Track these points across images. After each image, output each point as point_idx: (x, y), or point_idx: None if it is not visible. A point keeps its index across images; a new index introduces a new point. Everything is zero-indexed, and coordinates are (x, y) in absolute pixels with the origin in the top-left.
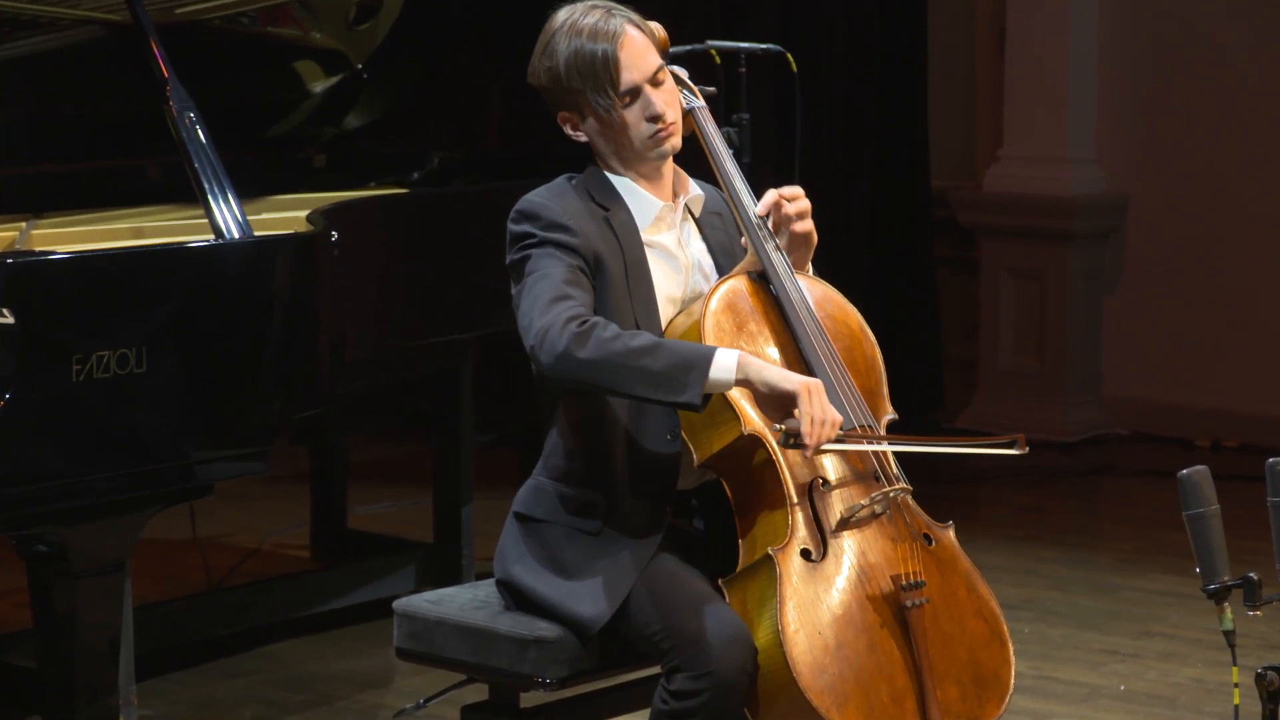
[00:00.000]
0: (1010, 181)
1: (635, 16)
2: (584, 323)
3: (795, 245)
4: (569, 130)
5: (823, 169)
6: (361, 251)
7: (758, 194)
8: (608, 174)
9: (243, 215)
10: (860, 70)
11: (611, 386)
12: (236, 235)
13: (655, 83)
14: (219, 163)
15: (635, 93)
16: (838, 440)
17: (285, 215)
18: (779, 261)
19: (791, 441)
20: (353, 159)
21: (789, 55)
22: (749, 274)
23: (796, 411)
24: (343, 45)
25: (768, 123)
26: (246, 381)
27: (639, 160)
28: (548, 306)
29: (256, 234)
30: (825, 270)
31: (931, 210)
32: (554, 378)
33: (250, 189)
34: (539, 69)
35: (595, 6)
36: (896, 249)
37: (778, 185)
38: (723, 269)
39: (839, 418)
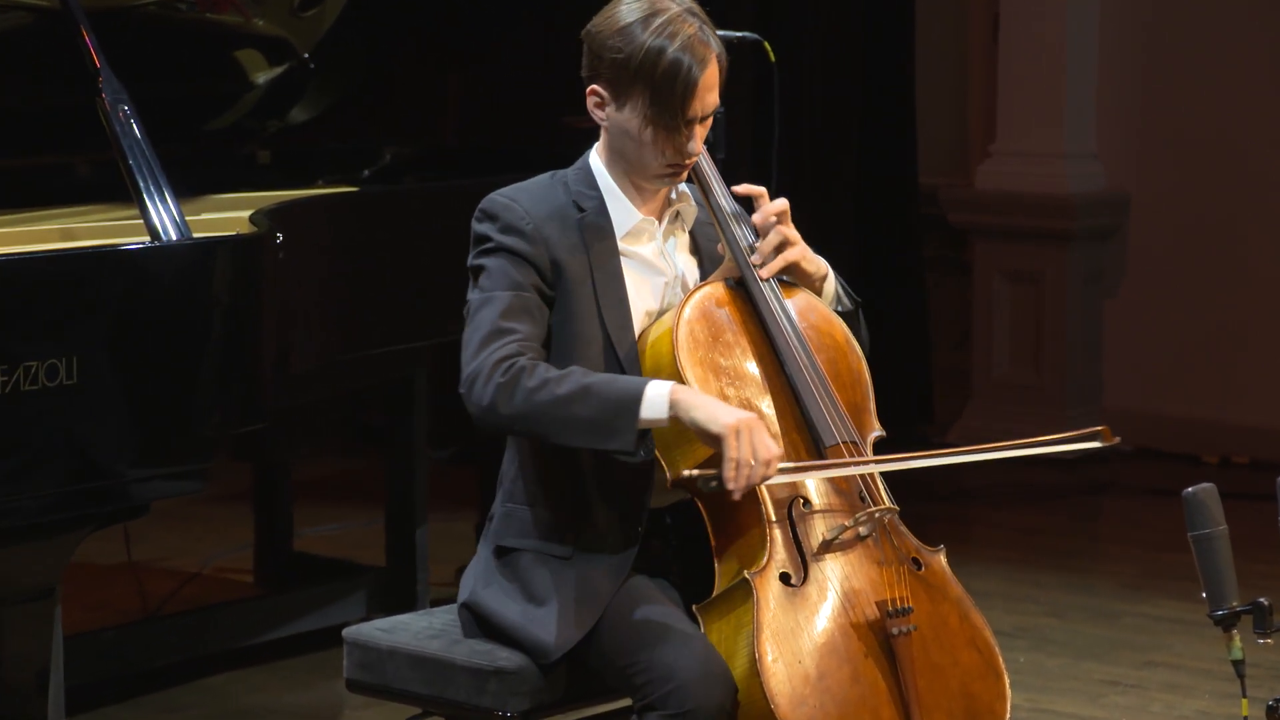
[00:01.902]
0: (1004, 178)
1: (718, 39)
2: (510, 368)
3: (790, 271)
4: (591, 104)
5: (803, 165)
6: (308, 254)
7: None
8: (599, 169)
9: (180, 216)
10: (843, 59)
11: (545, 437)
12: (174, 237)
13: (704, 120)
14: (155, 159)
15: (689, 124)
16: (782, 472)
17: (226, 215)
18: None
19: (713, 485)
20: (299, 155)
21: (766, 44)
22: (726, 280)
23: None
24: (287, 33)
25: (744, 116)
26: (184, 394)
27: (637, 175)
28: (481, 345)
29: (195, 236)
30: None
31: (920, 209)
32: (484, 430)
33: (189, 187)
34: (605, 36)
35: (693, 13)
36: (882, 251)
37: (755, 182)
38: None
39: (775, 454)
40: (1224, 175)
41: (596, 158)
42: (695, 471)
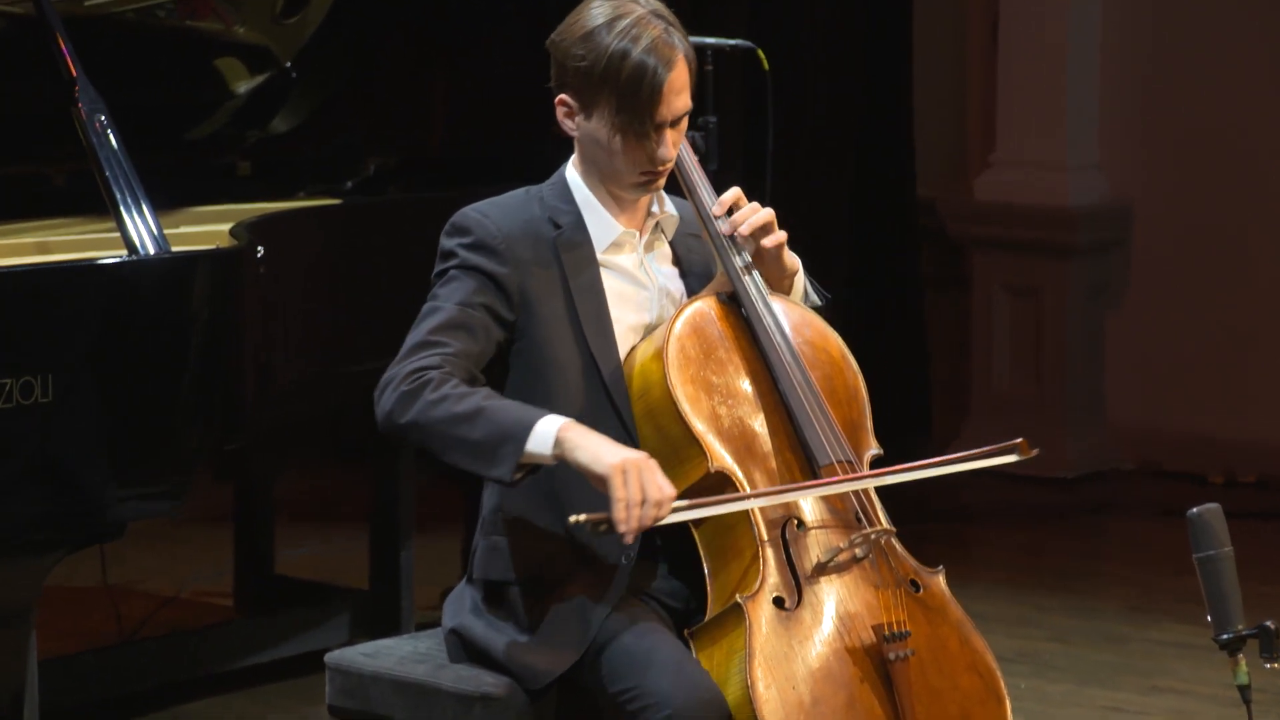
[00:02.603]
0: (1004, 189)
1: (686, 40)
2: (418, 379)
3: (765, 264)
4: (560, 115)
5: (797, 176)
6: (290, 268)
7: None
8: (575, 182)
9: (159, 228)
10: (839, 67)
11: (437, 453)
12: (152, 250)
13: (675, 123)
14: (132, 170)
15: (659, 128)
16: (676, 512)
17: (206, 228)
18: (751, 282)
19: (603, 529)
20: (280, 165)
21: (760, 51)
22: (718, 295)
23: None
24: (269, 40)
25: (737, 126)
26: (163, 411)
27: (613, 184)
28: (409, 352)
29: (174, 249)
30: None
31: (918, 221)
32: (386, 438)
33: (167, 199)
34: (569, 44)
35: (658, 15)
36: (879, 264)
37: (748, 195)
38: (692, 292)
39: (668, 493)
40: (1230, 186)
41: (573, 170)
42: (583, 517)
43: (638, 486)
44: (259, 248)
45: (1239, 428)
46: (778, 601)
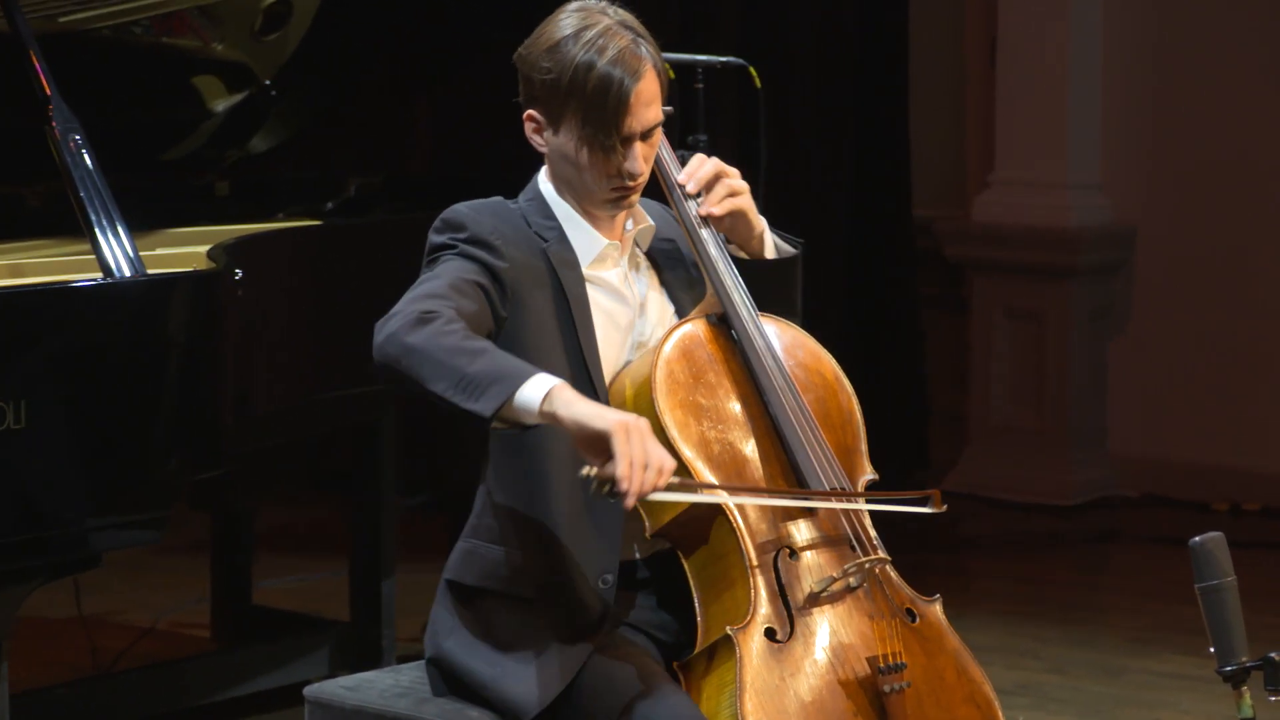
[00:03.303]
0: (1003, 210)
1: (655, 51)
2: (431, 314)
3: (730, 224)
4: (529, 130)
5: (790, 196)
6: (269, 291)
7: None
8: (552, 197)
9: (135, 250)
10: (833, 85)
11: (419, 379)
12: (128, 273)
13: (645, 136)
14: (108, 191)
15: (627, 141)
16: (670, 489)
17: (183, 250)
18: (742, 302)
19: (606, 489)
20: (259, 186)
21: (752, 69)
22: (708, 317)
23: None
24: (248, 58)
25: (728, 145)
26: (139, 439)
27: (586, 201)
28: (413, 300)
29: (150, 272)
30: None
31: (914, 242)
32: (377, 362)
33: (143, 220)
34: (536, 57)
35: (626, 26)
36: (875, 287)
37: None
38: (675, 300)
39: (669, 463)
40: (1237, 207)
41: (547, 184)
42: (594, 470)
43: (641, 447)
44: (237, 270)
45: (1244, 455)
46: (769, 633)
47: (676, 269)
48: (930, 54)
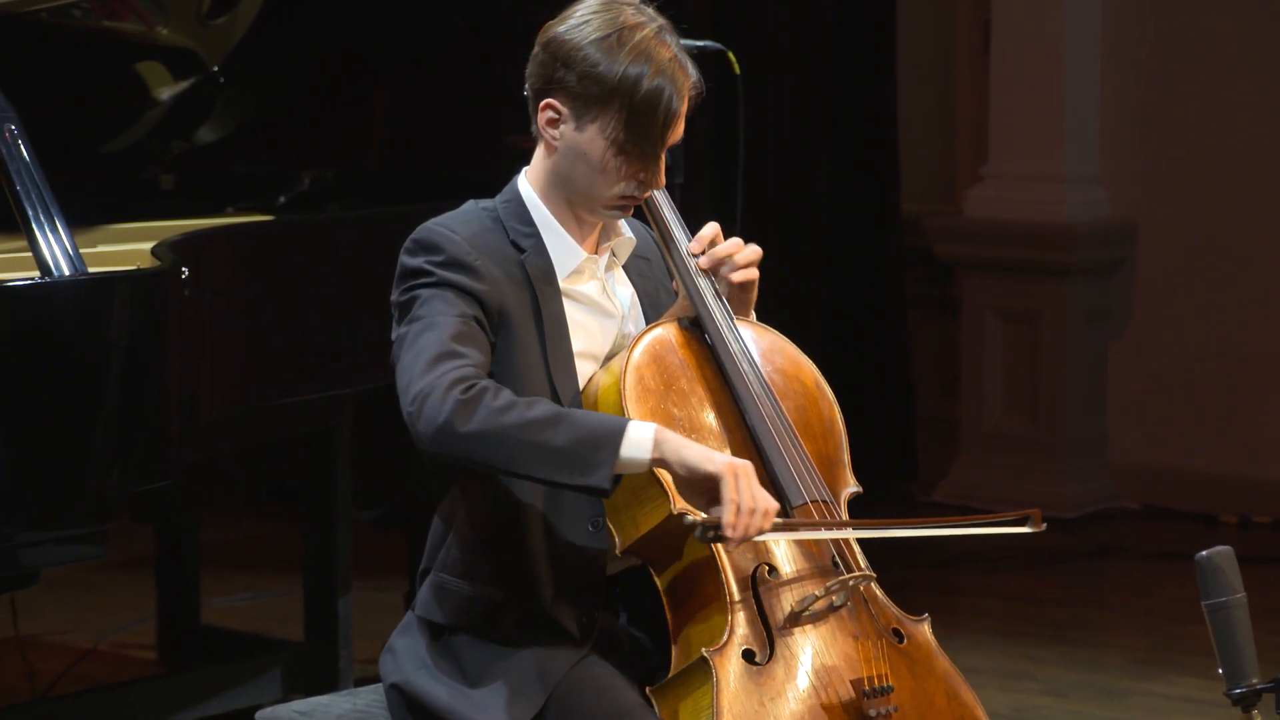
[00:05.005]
0: (996, 205)
1: (694, 64)
2: (470, 387)
3: (733, 293)
4: (542, 120)
5: (770, 189)
6: (217, 291)
7: (693, 224)
8: (532, 200)
9: (74, 248)
10: (815, 72)
11: (505, 466)
12: (67, 272)
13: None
14: (46, 185)
15: (660, 155)
16: (773, 529)
17: (125, 247)
18: (716, 306)
19: (710, 535)
20: (207, 180)
21: (730, 54)
22: (680, 321)
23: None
24: (194, 43)
25: (704, 135)
26: (79, 448)
27: (583, 206)
28: (430, 365)
29: (91, 270)
30: (771, 313)
31: (902, 240)
32: (434, 454)
33: (83, 216)
34: (575, 46)
35: (666, 30)
36: (860, 286)
37: (716, 209)
38: (651, 320)
39: (773, 505)
40: (1240, 203)
41: (528, 186)
42: (697, 517)
43: (749, 493)
44: (183, 269)
45: (1253, 464)
46: (747, 655)
47: (648, 286)
48: (919, 38)
